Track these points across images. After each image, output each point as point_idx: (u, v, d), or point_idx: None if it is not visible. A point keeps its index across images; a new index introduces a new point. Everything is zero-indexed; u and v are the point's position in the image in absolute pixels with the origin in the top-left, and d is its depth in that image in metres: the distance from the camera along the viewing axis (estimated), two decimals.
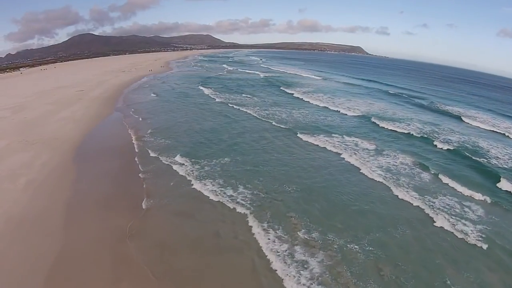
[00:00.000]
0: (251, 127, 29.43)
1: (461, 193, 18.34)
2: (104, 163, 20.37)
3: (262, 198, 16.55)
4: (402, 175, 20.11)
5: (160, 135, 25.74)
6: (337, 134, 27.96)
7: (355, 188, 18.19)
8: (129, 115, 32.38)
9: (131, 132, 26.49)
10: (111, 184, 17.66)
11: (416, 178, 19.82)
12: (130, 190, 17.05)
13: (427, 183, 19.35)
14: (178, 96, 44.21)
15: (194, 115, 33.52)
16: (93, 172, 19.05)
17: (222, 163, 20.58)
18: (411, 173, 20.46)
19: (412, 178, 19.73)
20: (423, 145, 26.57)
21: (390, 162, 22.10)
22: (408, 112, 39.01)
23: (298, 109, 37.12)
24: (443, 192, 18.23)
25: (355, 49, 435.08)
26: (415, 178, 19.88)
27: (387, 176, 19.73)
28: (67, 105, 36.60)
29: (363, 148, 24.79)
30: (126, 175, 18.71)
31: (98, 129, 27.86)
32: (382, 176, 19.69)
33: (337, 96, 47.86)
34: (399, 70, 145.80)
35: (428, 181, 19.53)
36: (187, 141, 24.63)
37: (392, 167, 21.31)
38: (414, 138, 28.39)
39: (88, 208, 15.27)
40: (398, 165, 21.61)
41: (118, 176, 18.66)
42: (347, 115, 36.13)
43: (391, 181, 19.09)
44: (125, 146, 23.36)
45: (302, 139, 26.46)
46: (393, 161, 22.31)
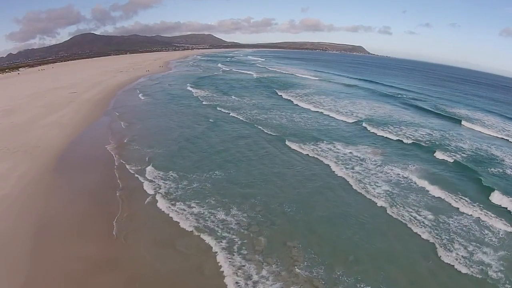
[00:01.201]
0: (237, 134, 28.29)
1: (479, 219, 16.27)
2: (82, 176, 19.60)
3: (255, 223, 14.86)
4: (407, 198, 17.71)
5: (143, 145, 24.61)
6: (328, 142, 26.43)
7: (361, 215, 16.09)
8: (116, 120, 31.79)
9: (113, 141, 25.51)
10: (87, 202, 16.63)
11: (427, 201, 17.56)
12: (105, 210, 15.84)
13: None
14: (168, 99, 43.66)
15: (180, 120, 32.67)
16: (70, 187, 18.24)
17: (206, 179, 19.04)
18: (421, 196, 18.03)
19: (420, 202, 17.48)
20: (430, 157, 24.37)
21: (393, 180, 19.77)
22: (413, 117, 37.51)
23: (290, 114, 36.25)
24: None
25: (356, 49, 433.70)
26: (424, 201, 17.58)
27: (392, 202, 17.18)
28: (57, 108, 36.19)
29: (363, 160, 22.74)
30: (103, 192, 17.66)
31: (82, 136, 27.27)
32: (387, 202, 17.21)
33: (333, 98, 47.05)
34: (401, 70, 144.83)
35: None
36: (169, 152, 23.37)
37: (396, 187, 18.91)
38: (419, 147, 26.31)
39: (59, 232, 14.11)
40: (404, 184, 19.29)
41: (94, 193, 17.66)
42: (343, 121, 34.30)
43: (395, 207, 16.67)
44: (106, 156, 22.48)
45: (290, 147, 25.30)
46: (398, 179, 20.01)
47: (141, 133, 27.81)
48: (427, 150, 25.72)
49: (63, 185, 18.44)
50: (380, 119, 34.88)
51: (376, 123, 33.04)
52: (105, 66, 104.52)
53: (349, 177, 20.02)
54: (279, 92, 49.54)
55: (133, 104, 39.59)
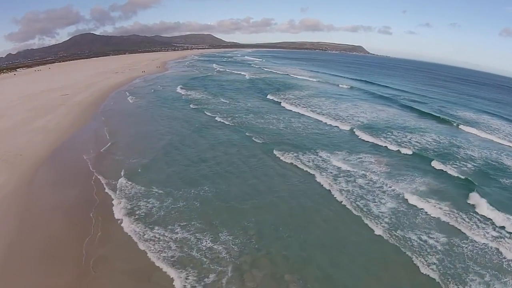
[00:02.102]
0: (227, 143, 26.83)
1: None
2: (59, 190, 18.35)
3: (247, 252, 13.20)
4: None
5: (126, 155, 23.10)
6: (323, 151, 24.57)
7: (361, 243, 14.33)
8: (102, 126, 30.66)
9: (96, 150, 24.16)
10: (60, 222, 15.33)
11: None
12: (77, 232, 14.38)
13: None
14: (158, 102, 42.38)
15: (168, 126, 31.29)
16: (45, 204, 16.95)
17: (194, 196, 17.40)
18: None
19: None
20: (436, 170, 22.14)
21: (396, 200, 17.65)
22: (417, 122, 36.08)
23: (281, 120, 34.39)
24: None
25: (356, 49, 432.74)
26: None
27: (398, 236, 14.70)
28: (46, 112, 35.61)
29: (363, 176, 20.41)
30: (78, 210, 16.25)
31: (66, 143, 26.16)
32: (388, 228, 15.24)
33: (329, 101, 45.77)
34: (401, 71, 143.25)
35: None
36: (153, 163, 21.71)
37: (400, 207, 16.94)
38: (424, 159, 24.12)
39: (27, 258, 12.86)
40: (407, 207, 17.07)
41: (69, 210, 16.30)
42: (341, 128, 31.98)
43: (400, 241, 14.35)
44: (87, 167, 21.23)
45: (281, 158, 23.35)
46: (401, 198, 17.93)
47: (126, 141, 26.62)
48: (433, 162, 23.44)
49: (38, 201, 17.26)
50: (382, 125, 33.44)
51: (377, 129, 31.42)
52: (102, 66, 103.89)
53: (347, 195, 18.31)
54: (270, 95, 47.52)
55: (122, 108, 38.61)
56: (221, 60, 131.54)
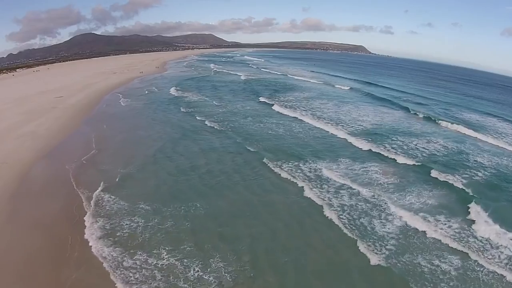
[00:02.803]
0: (213, 149, 25.52)
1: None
2: (41, 204, 17.07)
3: (241, 281, 11.84)
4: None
5: (113, 165, 21.59)
6: (315, 163, 22.55)
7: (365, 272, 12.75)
8: (91, 131, 29.38)
9: (82, 158, 22.81)
10: (37, 240, 14.05)
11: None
12: (54, 252, 13.21)
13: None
14: (151, 105, 40.86)
15: (158, 131, 29.85)
16: (26, 219, 15.72)
17: (184, 215, 15.85)
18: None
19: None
20: (445, 185, 20.10)
21: (404, 225, 15.66)
22: (422, 126, 34.58)
23: (275, 124, 32.81)
24: None
25: (358, 48, 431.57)
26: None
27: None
28: (38, 115, 34.42)
29: (365, 194, 18.37)
30: (57, 227, 14.96)
31: (54, 150, 24.86)
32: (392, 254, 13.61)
33: (328, 104, 44.26)
34: (403, 71, 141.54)
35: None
36: (141, 174, 20.47)
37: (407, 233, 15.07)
38: (433, 171, 21.85)
39: (1, 280, 11.83)
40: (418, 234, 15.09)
41: (48, 227, 15.01)
42: (340, 133, 29.94)
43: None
44: (70, 180, 19.82)
45: (273, 169, 21.63)
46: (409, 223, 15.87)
47: (112, 149, 25.21)
48: (441, 173, 21.63)
49: (18, 216, 16.03)
50: (386, 130, 31.91)
51: (381, 135, 29.71)
52: (102, 67, 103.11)
53: (349, 213, 16.73)
54: (264, 98, 45.39)
55: (113, 112, 37.29)
56: (220, 60, 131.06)
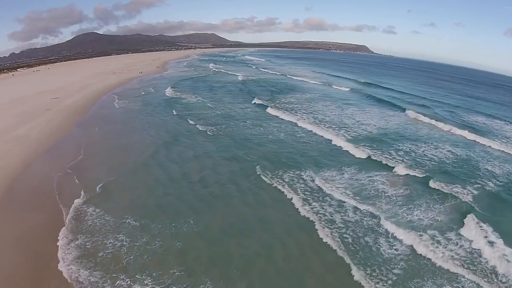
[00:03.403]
0: (207, 156, 23.98)
1: None
2: (24, 217, 15.87)
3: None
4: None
5: (100, 173, 20.22)
6: (316, 173, 20.95)
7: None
8: (83, 135, 28.33)
9: (70, 166, 21.50)
10: (17, 257, 13.00)
11: None
12: (33, 276, 12.11)
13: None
14: (145, 107, 39.55)
15: (150, 136, 28.61)
16: (5, 235, 14.58)
17: (175, 233, 14.46)
18: None
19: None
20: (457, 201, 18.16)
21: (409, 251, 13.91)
22: (430, 130, 33.20)
23: (271, 130, 30.95)
24: None
25: (360, 48, 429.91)
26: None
27: None
28: (31, 117, 33.33)
29: (371, 214, 16.39)
30: (37, 243, 13.84)
31: (43, 156, 23.71)
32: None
33: (330, 107, 42.76)
34: (406, 71, 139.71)
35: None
36: (129, 184, 19.23)
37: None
38: (442, 182, 20.24)
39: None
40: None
41: (29, 242, 13.89)
42: (339, 142, 27.63)
43: None
44: (56, 188, 18.74)
45: (269, 180, 19.97)
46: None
47: (102, 155, 23.96)
48: (451, 186, 20.06)
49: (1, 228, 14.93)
50: (392, 135, 30.40)
51: (387, 143, 27.92)
52: (102, 66, 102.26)
53: (351, 233, 15.14)
54: (259, 100, 43.65)
55: (106, 114, 36.00)
56: (220, 60, 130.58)
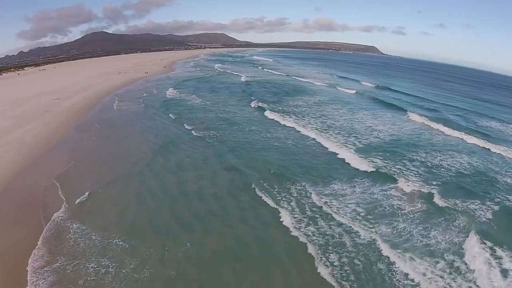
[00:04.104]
0: (203, 167, 22.18)
1: None
2: (5, 232, 14.56)
3: None
4: None
5: (88, 182, 18.95)
6: (321, 189, 18.86)
7: None
8: (79, 140, 27.13)
9: (58, 176, 20.07)
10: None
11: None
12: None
13: None
14: (144, 110, 38.15)
15: (143, 142, 27.16)
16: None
17: (169, 257, 12.95)
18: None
19: None
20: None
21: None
22: (445, 137, 31.30)
23: (274, 136, 29.10)
24: None
25: (369, 49, 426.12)
26: None
27: None
28: (29, 120, 32.21)
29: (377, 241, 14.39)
30: (14, 266, 12.52)
31: (35, 163, 22.33)
32: None
33: (342, 112, 41.04)
34: (416, 73, 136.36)
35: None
36: (120, 197, 17.73)
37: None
38: (460, 199, 18.36)
39: None
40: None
41: (6, 262, 12.68)
42: (348, 153, 25.04)
43: None
44: (42, 200, 17.36)
45: (270, 197, 17.83)
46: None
47: (94, 163, 22.37)
48: (469, 202, 18.28)
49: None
50: (406, 143, 28.49)
51: (401, 153, 25.94)
52: (109, 66, 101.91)
53: (358, 270, 13.65)
54: (261, 103, 41.55)
55: (105, 118, 34.52)
56: (227, 60, 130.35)
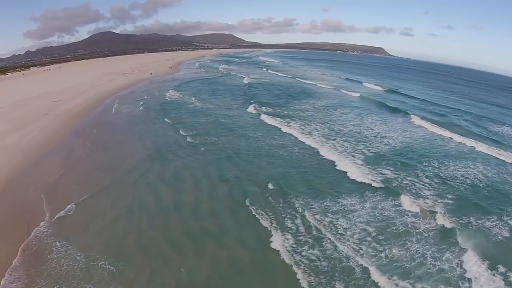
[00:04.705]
0: (197, 179, 20.60)
1: None
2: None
3: None
4: None
5: (76, 194, 17.80)
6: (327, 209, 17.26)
7: None
8: (75, 146, 26.12)
9: (46, 187, 18.86)
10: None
11: None
12: None
13: None
14: (145, 113, 36.93)
15: (139, 148, 25.94)
16: None
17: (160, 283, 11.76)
18: None
19: None
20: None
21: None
22: (457, 146, 29.40)
23: (275, 144, 27.23)
24: None
25: (377, 50, 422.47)
26: None
27: None
28: (27, 123, 31.29)
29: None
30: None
31: (26, 171, 21.23)
32: None
33: (348, 118, 39.58)
34: (424, 75, 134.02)
35: None
36: (101, 212, 16.36)
37: None
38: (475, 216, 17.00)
39: None
40: None
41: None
42: (356, 163, 23.08)
43: None
44: (26, 216, 16.19)
45: (271, 215, 16.27)
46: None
47: (85, 172, 21.07)
48: (486, 220, 16.92)
49: None
50: (418, 152, 26.85)
51: (412, 164, 24.23)
52: (114, 66, 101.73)
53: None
54: (263, 107, 40.13)
55: (103, 122, 33.52)
56: (233, 61, 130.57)
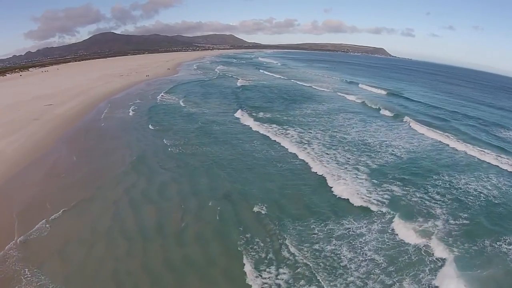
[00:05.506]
0: (182, 198, 18.61)
1: None
2: None
3: None
4: None
5: (48, 214, 16.17)
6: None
7: None
8: (60, 155, 24.78)
9: (16, 212, 16.66)
10: None
11: None
12: None
13: None
14: (132, 120, 35.01)
15: (125, 158, 24.09)
16: None
17: None
18: None
19: None
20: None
21: None
22: (466, 156, 27.45)
23: (268, 156, 24.90)
24: None
25: (378, 51, 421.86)
26: None
27: None
28: (16, 129, 29.78)
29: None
30: None
31: (7, 183, 19.84)
32: None
33: (347, 125, 37.78)
34: (425, 76, 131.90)
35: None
36: (79, 240, 14.46)
37: None
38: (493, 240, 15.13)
39: None
40: None
41: None
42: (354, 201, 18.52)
43: None
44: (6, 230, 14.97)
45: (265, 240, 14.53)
46: None
47: (66, 187, 19.32)
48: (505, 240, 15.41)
49: None
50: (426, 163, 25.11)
51: (421, 175, 22.87)
52: (112, 67, 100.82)
53: None
54: (255, 113, 38.00)
55: (92, 128, 32.16)
56: (232, 62, 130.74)
